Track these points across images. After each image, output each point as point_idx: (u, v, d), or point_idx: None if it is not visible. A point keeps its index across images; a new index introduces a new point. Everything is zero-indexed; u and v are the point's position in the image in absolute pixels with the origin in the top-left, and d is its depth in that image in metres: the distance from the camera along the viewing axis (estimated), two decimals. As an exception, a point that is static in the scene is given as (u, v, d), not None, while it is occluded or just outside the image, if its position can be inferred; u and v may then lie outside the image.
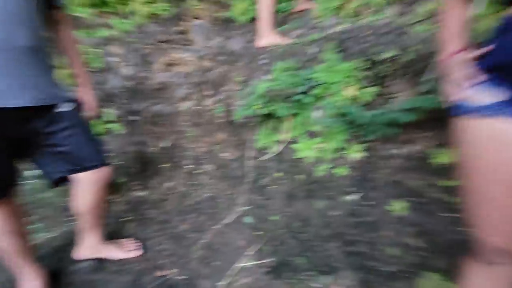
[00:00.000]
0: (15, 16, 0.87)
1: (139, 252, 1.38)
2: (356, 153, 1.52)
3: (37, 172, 1.22)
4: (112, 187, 1.70)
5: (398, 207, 1.38)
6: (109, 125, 1.94)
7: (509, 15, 0.50)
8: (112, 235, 1.44)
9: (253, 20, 2.44)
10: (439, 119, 1.30)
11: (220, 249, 1.43)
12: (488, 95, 0.53)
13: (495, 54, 0.54)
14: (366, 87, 1.48)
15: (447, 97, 0.63)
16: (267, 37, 2.02)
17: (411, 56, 1.40)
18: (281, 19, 2.28)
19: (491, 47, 0.55)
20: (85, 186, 1.12)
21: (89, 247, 1.31)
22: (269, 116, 1.69)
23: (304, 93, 1.56)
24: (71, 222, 1.47)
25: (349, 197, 1.50)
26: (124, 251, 1.37)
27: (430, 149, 1.45)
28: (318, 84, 1.54)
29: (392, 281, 1.17)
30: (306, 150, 1.60)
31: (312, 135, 1.64)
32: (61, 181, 1.11)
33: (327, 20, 1.83)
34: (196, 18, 2.56)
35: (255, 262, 1.33)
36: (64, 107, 1.02)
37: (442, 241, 1.25)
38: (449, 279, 1.08)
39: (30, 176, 1.63)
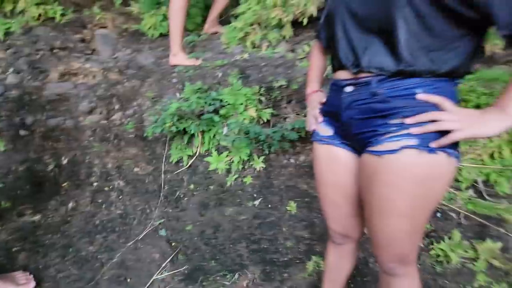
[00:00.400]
0: None
1: (32, 285, 1.27)
2: (259, 164, 1.79)
3: None
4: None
5: (292, 206, 1.70)
6: (-13, 141, 1.67)
7: (334, 79, 0.79)
8: (-2, 269, 1.27)
9: (164, 35, 2.48)
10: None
11: (133, 265, 1.44)
12: (325, 129, 0.83)
13: (325, 104, 0.84)
14: (264, 109, 1.78)
15: (307, 125, 0.91)
16: (178, 55, 2.10)
17: (296, 86, 1.78)
18: (193, 42, 2.40)
19: (326, 98, 0.85)
20: None
21: (-33, 287, 1.13)
22: (181, 132, 1.79)
23: (213, 112, 1.74)
24: None
25: (254, 202, 1.75)
26: (14, 285, 1.23)
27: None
28: (225, 105, 1.75)
29: (288, 268, 1.45)
30: (217, 162, 1.78)
31: (222, 149, 1.83)
32: None
33: (233, 48, 2.08)
34: (102, 27, 2.43)
35: (170, 272, 1.41)
36: None
37: (322, 231, 1.61)
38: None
39: None
